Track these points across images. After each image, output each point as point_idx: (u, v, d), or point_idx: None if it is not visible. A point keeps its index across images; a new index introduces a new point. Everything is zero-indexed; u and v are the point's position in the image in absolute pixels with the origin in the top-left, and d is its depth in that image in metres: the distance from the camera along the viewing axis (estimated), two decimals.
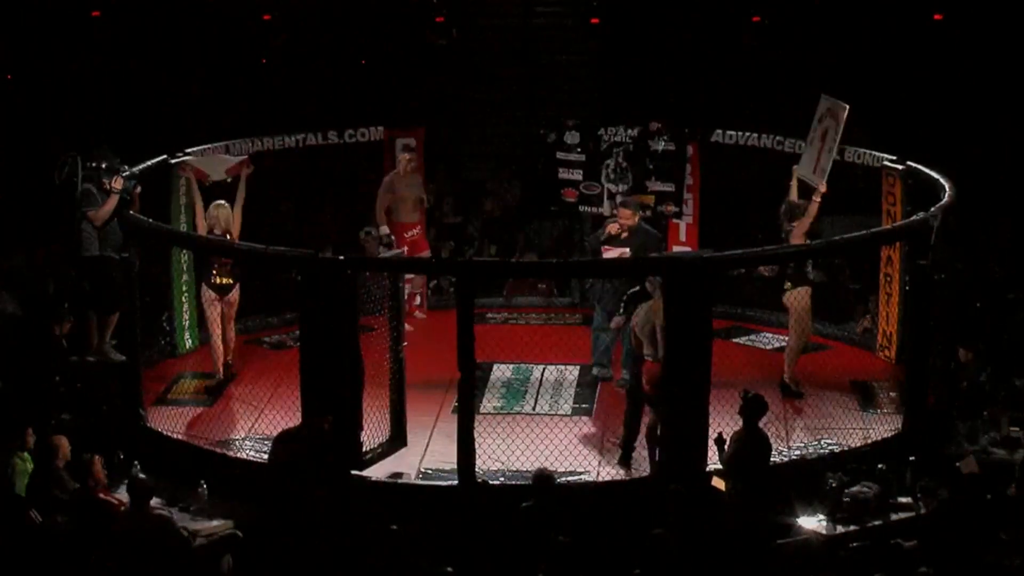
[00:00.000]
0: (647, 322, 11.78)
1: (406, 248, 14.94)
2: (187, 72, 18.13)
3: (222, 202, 13.76)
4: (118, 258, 13.04)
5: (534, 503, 10.54)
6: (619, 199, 14.59)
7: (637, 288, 12.46)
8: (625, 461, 12.06)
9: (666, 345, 11.56)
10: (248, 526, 11.00)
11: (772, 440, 12.18)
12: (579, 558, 10.05)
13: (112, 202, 13.15)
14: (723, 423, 11.60)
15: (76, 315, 13.59)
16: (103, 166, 13.26)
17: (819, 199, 13.49)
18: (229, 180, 13.95)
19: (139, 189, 13.45)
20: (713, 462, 11.11)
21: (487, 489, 11.26)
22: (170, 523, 10.53)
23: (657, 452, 11.70)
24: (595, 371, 13.79)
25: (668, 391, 11.43)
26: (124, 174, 13.32)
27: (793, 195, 13.80)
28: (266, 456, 12.08)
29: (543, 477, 10.81)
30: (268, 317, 15.25)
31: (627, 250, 13.44)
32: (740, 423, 10.83)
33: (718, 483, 10.64)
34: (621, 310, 12.70)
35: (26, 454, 11.30)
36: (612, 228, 13.63)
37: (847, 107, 13.61)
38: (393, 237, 15.07)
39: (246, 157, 14.15)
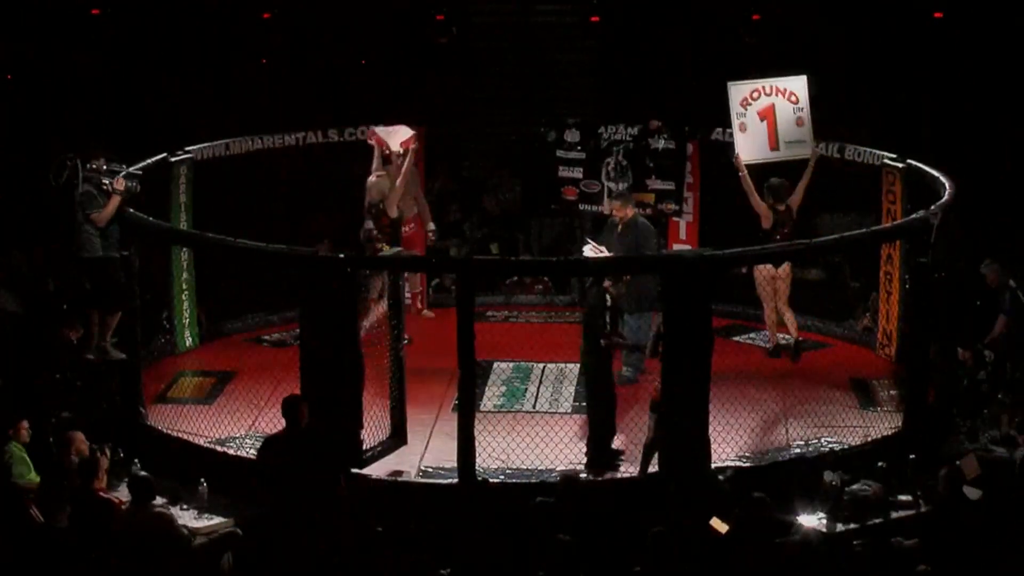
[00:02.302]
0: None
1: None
2: (187, 72, 18.13)
3: (382, 173, 14.19)
4: (118, 256, 13.05)
5: (552, 502, 10.50)
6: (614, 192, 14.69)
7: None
8: (605, 462, 11.98)
9: (665, 344, 11.57)
10: (248, 524, 11.00)
11: (772, 439, 12.27)
12: (579, 557, 10.04)
13: (114, 203, 13.14)
14: (723, 421, 11.65)
15: (77, 315, 13.61)
16: (104, 168, 13.26)
17: (814, 163, 14.06)
18: (400, 152, 14.27)
19: (138, 188, 13.45)
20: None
21: (487, 487, 11.26)
22: (171, 521, 10.54)
23: (649, 464, 11.70)
24: (625, 371, 13.65)
25: (668, 390, 11.43)
26: (122, 174, 13.30)
27: (749, 185, 14.00)
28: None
29: (570, 480, 10.79)
30: (268, 315, 15.25)
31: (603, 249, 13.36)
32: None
33: (717, 524, 10.56)
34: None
35: (18, 443, 11.29)
36: (587, 250, 13.40)
37: (804, 77, 14.19)
38: (376, 233, 15.04)
39: (415, 133, 14.41)
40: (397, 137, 14.45)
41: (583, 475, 11.77)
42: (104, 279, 13.41)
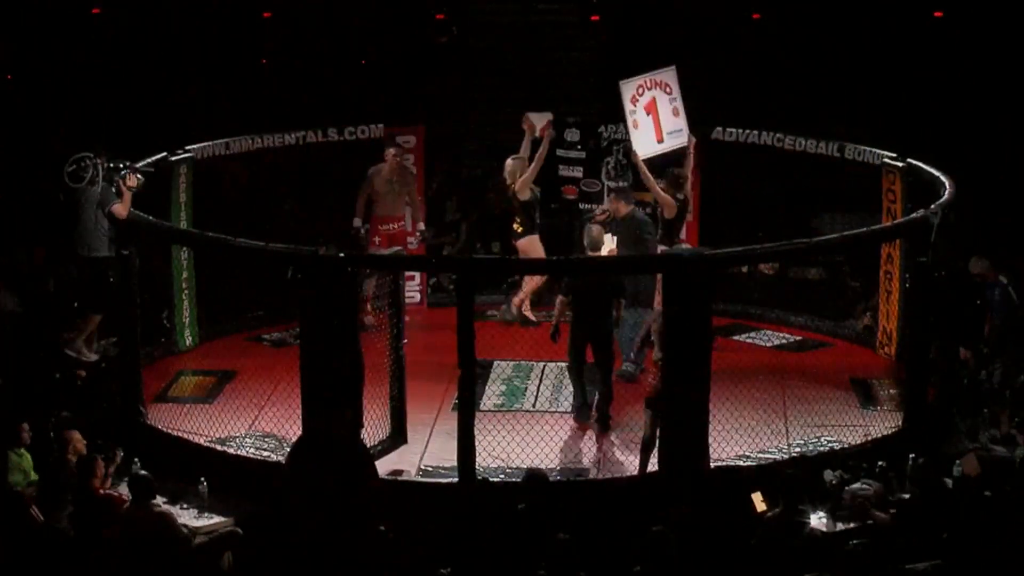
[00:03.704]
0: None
1: (378, 240, 14.94)
2: (187, 70, 18.13)
3: (518, 155, 14.62)
4: (115, 257, 13.08)
5: (529, 505, 10.50)
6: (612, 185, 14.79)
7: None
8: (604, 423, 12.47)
9: (665, 344, 11.58)
10: (249, 523, 11.00)
11: (772, 438, 12.27)
12: (579, 556, 10.03)
13: (128, 199, 13.13)
14: (722, 420, 11.64)
15: (80, 316, 13.66)
16: (120, 166, 13.27)
17: (693, 152, 14.58)
18: (538, 136, 14.67)
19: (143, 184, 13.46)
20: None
21: (487, 486, 11.25)
22: (171, 520, 10.53)
23: (648, 461, 11.71)
24: (626, 366, 13.73)
25: (668, 390, 11.43)
26: (127, 168, 13.29)
27: (649, 179, 14.13)
28: (266, 454, 12.13)
29: (534, 477, 10.79)
30: (268, 314, 15.22)
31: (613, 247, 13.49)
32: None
33: (758, 501, 10.59)
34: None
35: (22, 450, 11.29)
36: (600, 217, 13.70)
37: (673, 67, 14.47)
38: (364, 230, 15.06)
39: (550, 120, 14.82)
40: (541, 122, 14.80)
41: (586, 474, 11.82)
42: (102, 280, 13.44)
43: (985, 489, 10.95)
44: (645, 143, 14.36)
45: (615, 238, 13.95)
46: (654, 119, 14.36)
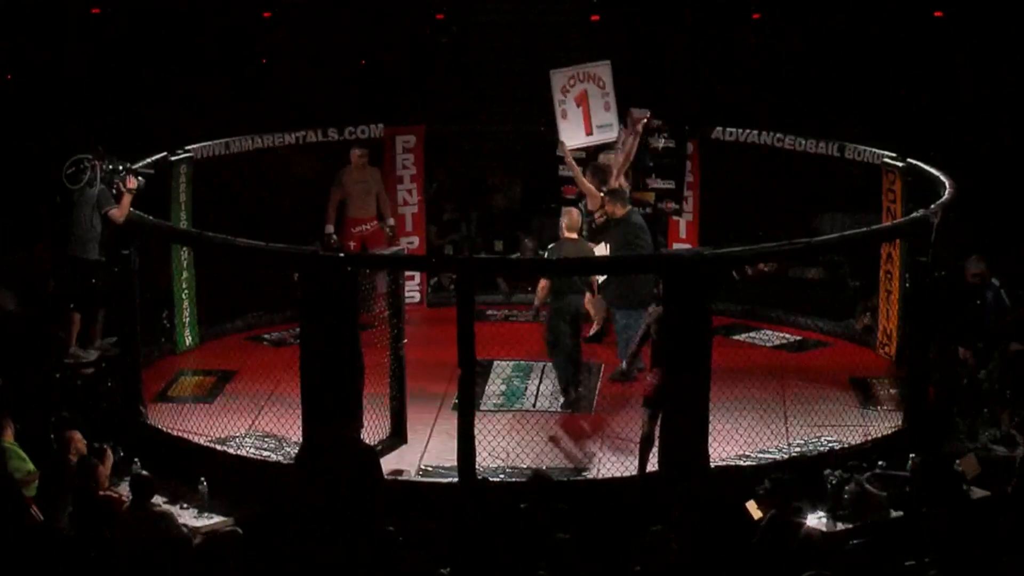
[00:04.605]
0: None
1: (353, 244, 14.93)
2: (187, 70, 18.12)
3: (609, 151, 14.84)
4: (102, 260, 13.11)
5: (532, 505, 10.51)
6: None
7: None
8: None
9: (665, 343, 11.57)
10: (249, 523, 11.00)
11: (772, 438, 12.27)
12: (579, 555, 10.04)
13: (127, 201, 13.14)
14: (722, 420, 11.64)
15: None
16: (119, 168, 13.27)
17: (636, 140, 14.68)
18: (636, 130, 14.92)
19: (144, 185, 13.46)
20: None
21: (487, 486, 11.25)
22: (171, 520, 10.53)
23: (647, 460, 11.71)
24: (621, 367, 13.72)
25: (668, 390, 11.43)
26: (126, 172, 13.29)
27: (575, 169, 14.55)
28: (266, 454, 12.14)
29: (539, 478, 10.80)
30: (269, 314, 15.23)
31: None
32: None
33: (752, 508, 10.60)
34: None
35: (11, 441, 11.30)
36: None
37: (608, 62, 14.79)
38: (336, 236, 15.04)
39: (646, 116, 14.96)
40: (641, 116, 15.00)
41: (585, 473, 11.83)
42: (86, 282, 13.49)
43: (981, 488, 10.98)
44: (573, 134, 14.68)
45: (607, 245, 13.95)
46: (584, 111, 14.66)
